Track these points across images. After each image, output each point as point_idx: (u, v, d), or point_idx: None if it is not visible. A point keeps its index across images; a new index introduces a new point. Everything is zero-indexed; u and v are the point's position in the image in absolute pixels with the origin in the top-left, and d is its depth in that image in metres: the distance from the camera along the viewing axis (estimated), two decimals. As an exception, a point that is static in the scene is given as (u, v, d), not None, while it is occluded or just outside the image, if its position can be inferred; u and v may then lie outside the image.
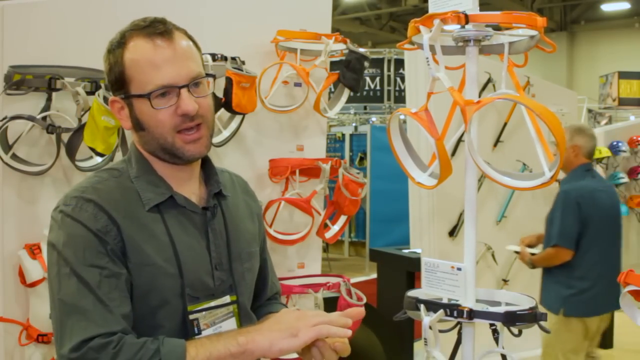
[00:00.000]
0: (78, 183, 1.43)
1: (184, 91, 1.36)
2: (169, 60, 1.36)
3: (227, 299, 1.44)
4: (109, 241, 1.31)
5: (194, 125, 1.38)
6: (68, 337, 1.25)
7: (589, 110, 11.58)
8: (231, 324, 1.45)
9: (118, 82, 1.39)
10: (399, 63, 9.65)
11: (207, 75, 1.43)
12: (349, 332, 1.30)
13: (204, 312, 1.39)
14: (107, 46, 1.41)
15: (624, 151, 6.13)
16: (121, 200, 1.36)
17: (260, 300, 1.64)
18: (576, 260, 3.42)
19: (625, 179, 6.20)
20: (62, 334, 1.27)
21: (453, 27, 1.63)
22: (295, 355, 1.42)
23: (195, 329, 1.38)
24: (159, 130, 1.37)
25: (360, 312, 1.41)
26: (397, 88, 9.89)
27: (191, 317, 1.37)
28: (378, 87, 9.96)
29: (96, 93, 2.21)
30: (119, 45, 1.38)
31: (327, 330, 1.27)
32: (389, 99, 9.93)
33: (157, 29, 1.37)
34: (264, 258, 1.65)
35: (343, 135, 9.83)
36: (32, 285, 2.25)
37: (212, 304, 1.41)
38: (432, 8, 1.68)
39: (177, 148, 1.38)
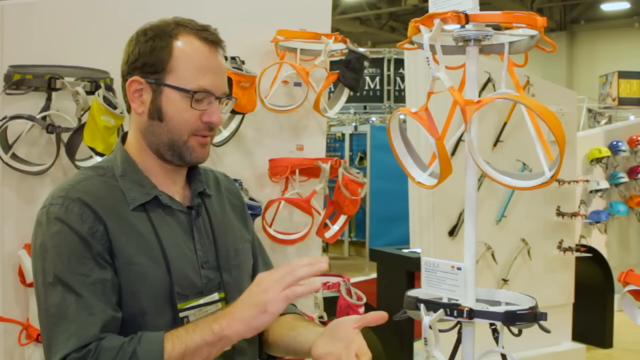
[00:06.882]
0: (63, 181, 1.44)
1: (217, 102, 1.43)
2: (216, 69, 1.43)
3: (215, 296, 1.45)
4: (95, 243, 1.32)
5: (209, 134, 1.45)
6: (54, 351, 1.27)
7: (589, 110, 11.57)
8: None
9: (154, 66, 1.39)
10: (399, 63, 9.65)
11: (228, 96, 1.51)
12: (319, 286, 1.31)
13: (193, 310, 1.41)
14: (147, 29, 1.41)
15: (624, 151, 6.13)
16: (107, 198, 1.38)
17: None
18: None
19: (625, 179, 6.20)
20: (49, 346, 1.29)
21: (453, 27, 1.63)
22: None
23: None
24: (179, 127, 1.40)
25: (381, 317, 1.40)
26: (397, 88, 9.88)
27: (181, 314, 1.39)
28: (378, 87, 9.96)
29: (96, 93, 2.21)
30: (168, 34, 1.39)
31: (294, 295, 1.25)
32: (388, 99, 9.93)
33: (211, 35, 1.43)
34: (255, 254, 1.66)
35: (343, 135, 9.83)
36: (32, 285, 2.23)
37: (201, 301, 1.43)
38: (432, 8, 1.68)
39: (188, 147, 1.42)
